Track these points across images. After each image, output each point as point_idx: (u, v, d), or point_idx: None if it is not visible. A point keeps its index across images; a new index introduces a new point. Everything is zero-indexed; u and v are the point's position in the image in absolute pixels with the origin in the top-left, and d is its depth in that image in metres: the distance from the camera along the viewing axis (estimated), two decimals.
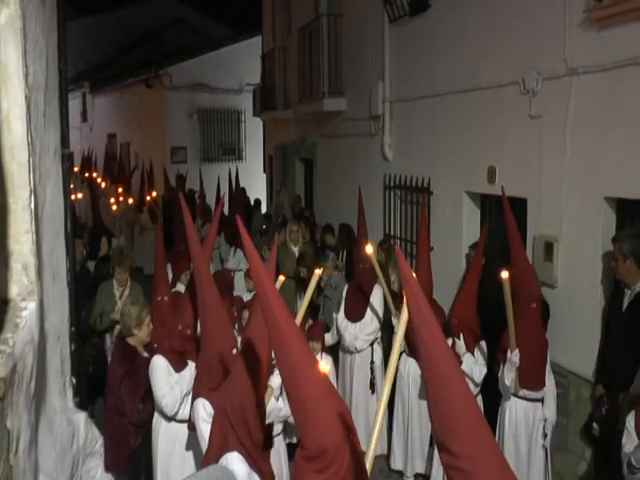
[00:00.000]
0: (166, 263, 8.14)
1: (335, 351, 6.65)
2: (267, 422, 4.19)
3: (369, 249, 5.70)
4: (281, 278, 4.21)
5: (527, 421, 5.01)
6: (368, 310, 6.39)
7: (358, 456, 2.39)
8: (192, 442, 4.32)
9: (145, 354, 4.91)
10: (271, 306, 2.28)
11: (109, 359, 6.49)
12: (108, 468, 4.43)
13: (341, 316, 6.48)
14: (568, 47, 5.55)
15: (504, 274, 4.56)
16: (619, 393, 4.54)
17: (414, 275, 2.39)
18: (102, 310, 6.52)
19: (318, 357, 5.41)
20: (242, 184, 13.10)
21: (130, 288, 6.66)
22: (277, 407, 4.30)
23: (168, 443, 4.58)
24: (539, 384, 4.99)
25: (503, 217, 6.76)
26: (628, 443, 3.79)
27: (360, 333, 6.37)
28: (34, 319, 2.68)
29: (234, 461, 3.09)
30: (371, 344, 6.41)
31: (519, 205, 6.18)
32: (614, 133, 5.14)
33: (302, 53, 11.23)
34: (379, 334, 6.47)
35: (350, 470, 2.32)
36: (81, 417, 3.81)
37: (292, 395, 2.36)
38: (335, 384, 5.97)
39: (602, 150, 5.26)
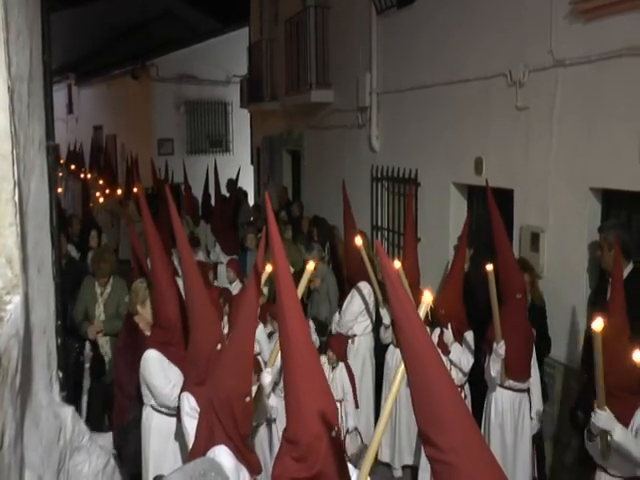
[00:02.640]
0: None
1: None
2: (257, 420, 4.21)
3: (358, 240, 5.71)
4: (268, 269, 4.17)
5: (513, 412, 5.04)
6: (345, 303, 6.45)
7: (338, 454, 2.44)
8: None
9: (148, 333, 4.89)
10: (285, 302, 2.51)
11: (86, 366, 6.50)
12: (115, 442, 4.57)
13: None
14: (554, 39, 5.56)
15: (488, 267, 4.61)
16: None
17: (395, 267, 2.44)
18: (85, 307, 6.49)
19: None
20: (229, 176, 13.03)
21: (112, 285, 6.60)
22: (268, 406, 4.29)
23: (162, 439, 4.41)
24: (525, 374, 5.02)
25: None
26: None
27: (336, 322, 6.48)
28: (19, 313, 2.66)
29: (221, 454, 3.09)
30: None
31: (506, 196, 6.21)
32: (599, 124, 5.16)
33: (289, 44, 11.18)
34: (355, 332, 6.42)
35: (328, 467, 2.38)
36: (68, 411, 3.80)
37: (288, 381, 2.52)
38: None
39: (588, 141, 5.29)
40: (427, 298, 2.50)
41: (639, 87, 4.80)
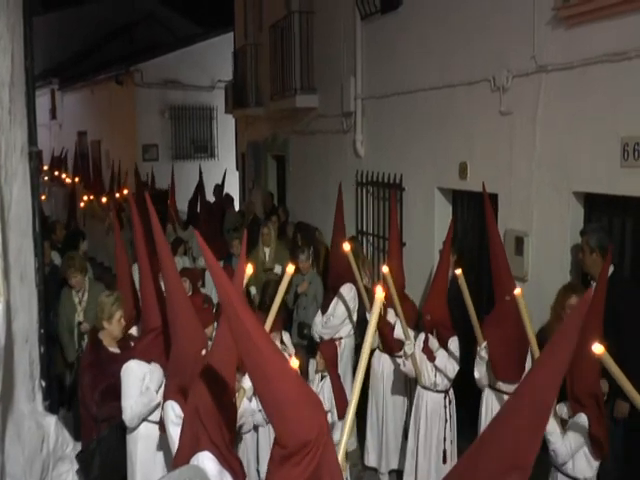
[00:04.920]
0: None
1: None
2: (239, 424, 4.16)
3: (346, 246, 5.71)
4: (249, 270, 4.04)
5: None
6: (331, 306, 6.50)
7: (331, 446, 2.41)
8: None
9: (114, 349, 4.80)
10: (236, 311, 2.30)
11: None
12: None
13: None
14: (537, 45, 5.61)
15: (457, 271, 4.75)
16: None
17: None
18: (66, 317, 6.42)
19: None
20: (214, 181, 13.00)
21: (89, 292, 6.50)
22: (250, 409, 4.27)
23: (149, 447, 4.32)
24: (513, 376, 4.93)
25: (474, 213, 6.86)
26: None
27: (322, 324, 6.53)
28: (0, 321, 2.63)
29: (205, 460, 3.06)
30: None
31: (490, 200, 6.24)
32: (582, 129, 5.21)
33: (274, 50, 11.19)
34: (341, 335, 6.48)
35: (323, 459, 2.35)
36: (51, 421, 3.75)
37: (266, 398, 2.38)
38: None
39: (571, 146, 5.33)
40: (379, 295, 2.51)
41: (621, 92, 4.86)
